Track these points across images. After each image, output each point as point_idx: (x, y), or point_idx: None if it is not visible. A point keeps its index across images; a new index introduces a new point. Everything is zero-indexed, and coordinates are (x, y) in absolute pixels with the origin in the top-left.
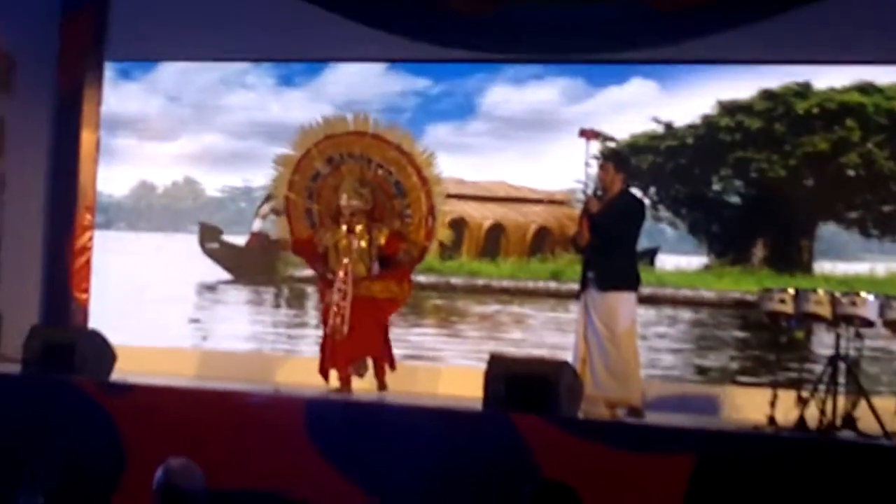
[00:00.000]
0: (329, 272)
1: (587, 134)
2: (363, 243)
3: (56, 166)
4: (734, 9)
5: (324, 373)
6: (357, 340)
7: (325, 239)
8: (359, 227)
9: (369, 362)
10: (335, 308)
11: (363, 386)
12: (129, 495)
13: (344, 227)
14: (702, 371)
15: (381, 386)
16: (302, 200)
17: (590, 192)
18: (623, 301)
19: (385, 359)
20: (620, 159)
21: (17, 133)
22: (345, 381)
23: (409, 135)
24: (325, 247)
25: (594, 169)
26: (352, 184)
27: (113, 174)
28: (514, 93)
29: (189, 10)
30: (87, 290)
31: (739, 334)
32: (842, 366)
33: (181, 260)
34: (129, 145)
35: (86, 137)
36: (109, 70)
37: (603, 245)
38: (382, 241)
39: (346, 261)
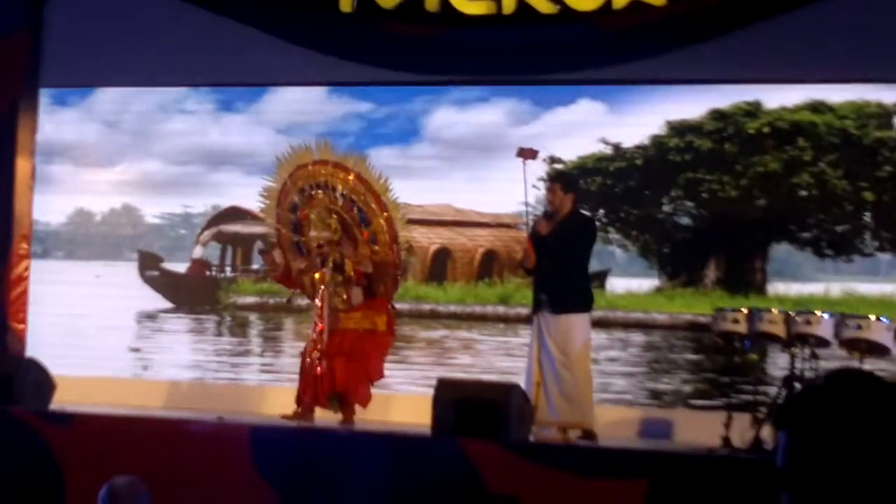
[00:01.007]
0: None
1: (525, 153)
2: (339, 276)
3: None
4: (681, 28)
5: (299, 402)
6: (334, 374)
7: (306, 268)
8: (330, 259)
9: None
10: (312, 342)
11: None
12: None
13: (318, 260)
14: (655, 395)
15: (346, 418)
16: (289, 233)
17: (535, 213)
18: (577, 323)
19: (356, 395)
20: (568, 180)
21: None
22: (307, 409)
23: (363, 160)
24: (306, 280)
25: (536, 190)
26: (319, 215)
27: (49, 202)
28: (459, 115)
29: (126, 35)
30: (24, 321)
31: (692, 357)
32: (797, 387)
33: (121, 289)
34: (66, 172)
35: (21, 165)
36: (45, 96)
37: (556, 266)
38: (352, 270)
39: (320, 292)
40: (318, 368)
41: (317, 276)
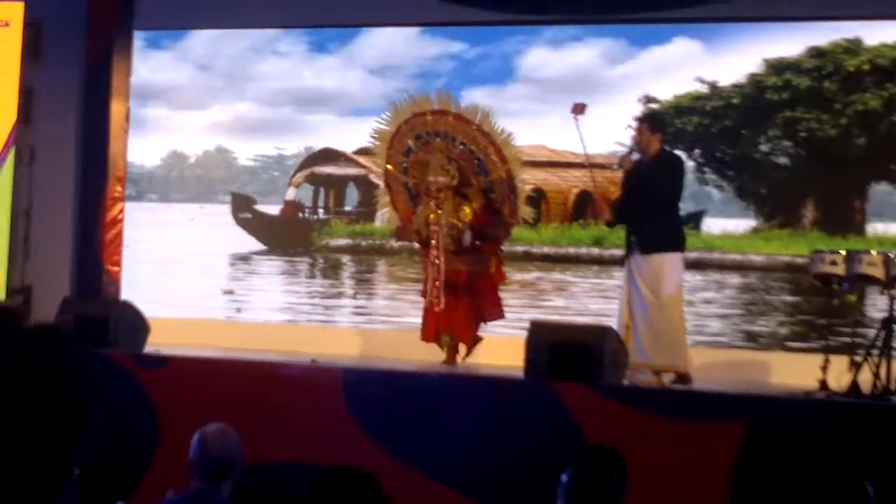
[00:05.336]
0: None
1: (575, 109)
2: (452, 219)
3: (86, 137)
4: None
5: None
6: (444, 313)
7: (419, 213)
8: (446, 203)
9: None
10: (432, 282)
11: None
12: (163, 468)
13: (433, 203)
14: (751, 337)
15: (449, 359)
16: (398, 174)
17: (593, 168)
18: (668, 263)
19: (463, 334)
20: (655, 119)
21: (47, 103)
22: (451, 353)
23: (488, 115)
24: (420, 221)
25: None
26: (439, 161)
27: (143, 145)
28: (553, 55)
29: None
30: (118, 263)
31: (789, 299)
32: None
33: (214, 230)
34: (160, 115)
35: (115, 108)
36: (138, 39)
37: (644, 206)
38: (469, 215)
39: (434, 236)
40: (437, 307)
41: (431, 216)
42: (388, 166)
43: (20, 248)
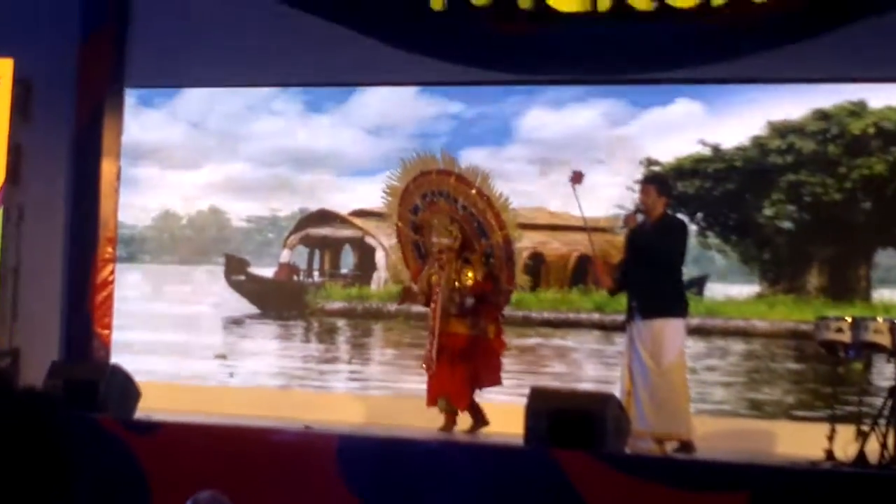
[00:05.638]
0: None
1: (575, 178)
2: (455, 280)
3: (76, 197)
4: (783, 25)
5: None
6: (440, 377)
7: (423, 273)
8: (449, 265)
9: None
10: (427, 343)
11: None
12: None
13: (436, 264)
14: (755, 405)
15: (446, 425)
16: (408, 231)
17: (593, 232)
18: (669, 329)
19: (458, 399)
20: (663, 182)
21: (36, 162)
22: (449, 419)
23: (487, 178)
24: (423, 282)
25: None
26: (442, 222)
27: (135, 204)
28: (553, 116)
29: (213, 35)
30: (109, 326)
31: (794, 366)
32: None
33: (206, 293)
34: (152, 174)
35: (106, 167)
36: (130, 97)
37: (646, 271)
38: (470, 280)
39: (435, 297)
40: (430, 370)
41: (433, 278)
42: (399, 223)
43: (8, 308)
